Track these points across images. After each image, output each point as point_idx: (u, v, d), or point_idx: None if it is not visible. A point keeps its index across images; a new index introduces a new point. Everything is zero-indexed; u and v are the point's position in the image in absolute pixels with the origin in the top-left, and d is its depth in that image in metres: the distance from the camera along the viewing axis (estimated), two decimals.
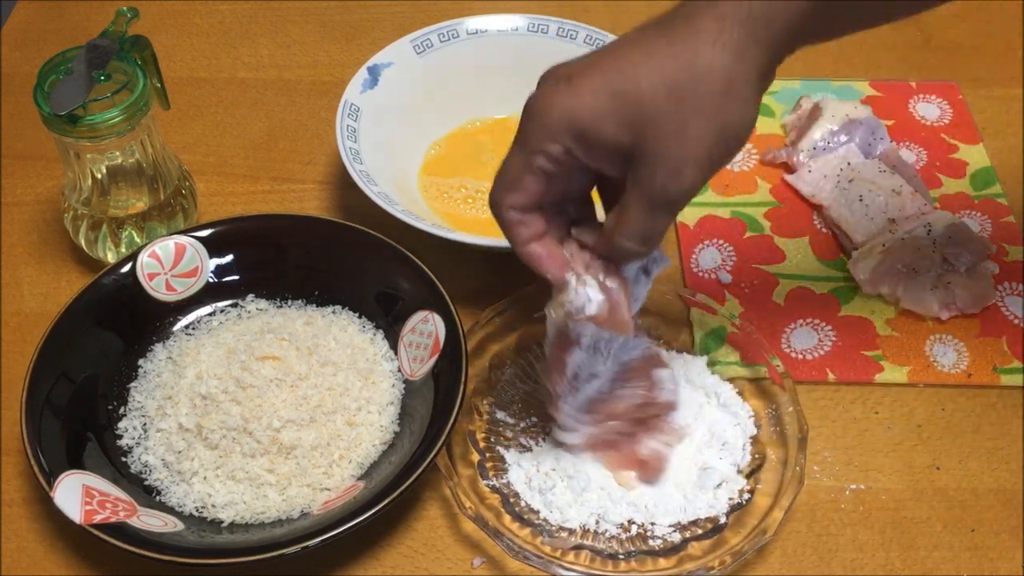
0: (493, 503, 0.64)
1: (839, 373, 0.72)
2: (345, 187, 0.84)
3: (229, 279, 0.74)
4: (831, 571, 0.64)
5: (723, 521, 0.63)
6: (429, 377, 0.67)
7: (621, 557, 0.61)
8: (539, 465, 0.65)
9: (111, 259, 0.76)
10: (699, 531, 0.62)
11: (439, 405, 0.65)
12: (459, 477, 0.63)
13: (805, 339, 0.74)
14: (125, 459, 0.65)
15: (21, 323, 0.76)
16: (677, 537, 0.62)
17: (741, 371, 0.70)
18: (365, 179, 0.75)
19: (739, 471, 0.65)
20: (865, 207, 0.79)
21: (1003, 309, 0.76)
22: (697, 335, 0.73)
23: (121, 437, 0.66)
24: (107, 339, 0.70)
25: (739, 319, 0.71)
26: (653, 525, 0.63)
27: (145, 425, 0.67)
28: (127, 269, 0.71)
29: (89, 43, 0.71)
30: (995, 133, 0.89)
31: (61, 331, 0.67)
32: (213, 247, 0.74)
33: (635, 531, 0.63)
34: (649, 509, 0.63)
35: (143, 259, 0.72)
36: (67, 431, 0.64)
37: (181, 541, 0.60)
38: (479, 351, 0.70)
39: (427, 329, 0.69)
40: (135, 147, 0.73)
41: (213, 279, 0.74)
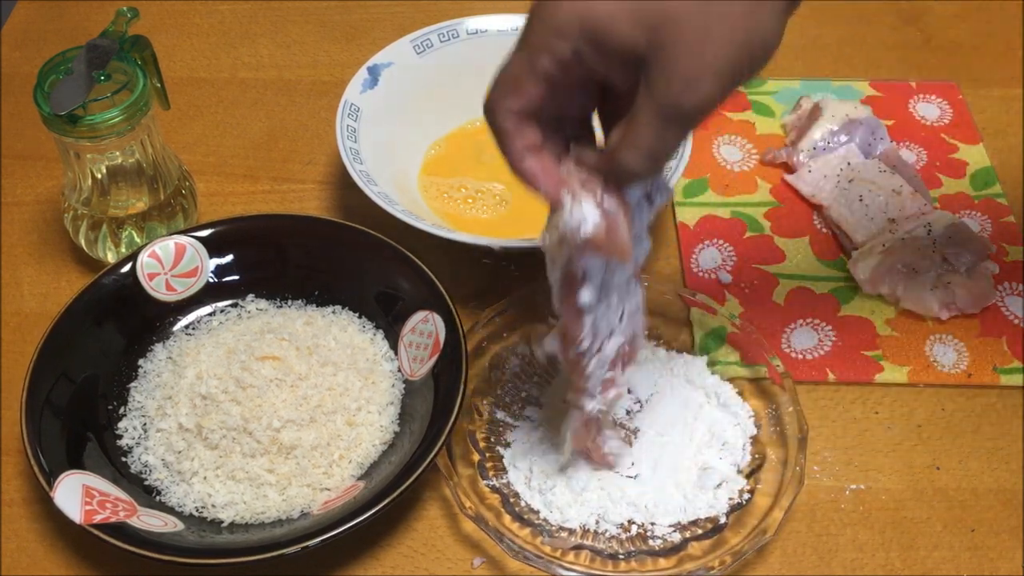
0: (493, 503, 0.64)
1: (839, 373, 0.72)
2: (345, 187, 0.84)
3: (229, 279, 0.74)
4: (831, 571, 0.64)
5: (723, 521, 0.63)
6: (429, 377, 0.67)
7: (621, 557, 0.61)
8: (533, 465, 0.65)
9: (111, 259, 0.76)
10: (699, 531, 0.62)
11: (439, 405, 0.65)
12: (459, 477, 0.63)
13: (805, 339, 0.74)
14: (125, 459, 0.65)
15: (21, 323, 0.76)
16: (677, 537, 0.62)
17: (741, 371, 0.70)
18: (365, 179, 0.75)
19: (739, 471, 0.65)
20: (865, 207, 0.79)
21: (1003, 309, 0.76)
22: (697, 335, 0.73)
23: (121, 437, 0.66)
24: (107, 339, 0.70)
25: (739, 319, 0.71)
26: (653, 525, 0.63)
27: (145, 425, 0.67)
28: (127, 269, 0.71)
29: (89, 43, 0.71)
30: (995, 133, 0.89)
31: (61, 331, 0.67)
32: (213, 247, 0.74)
33: (635, 531, 0.63)
34: (649, 509, 0.63)
35: (143, 259, 0.72)
36: (67, 431, 0.64)
37: (181, 541, 0.60)
38: (479, 351, 0.70)
39: (427, 329, 0.69)
40: (135, 147, 0.73)
41: (213, 279, 0.74)
